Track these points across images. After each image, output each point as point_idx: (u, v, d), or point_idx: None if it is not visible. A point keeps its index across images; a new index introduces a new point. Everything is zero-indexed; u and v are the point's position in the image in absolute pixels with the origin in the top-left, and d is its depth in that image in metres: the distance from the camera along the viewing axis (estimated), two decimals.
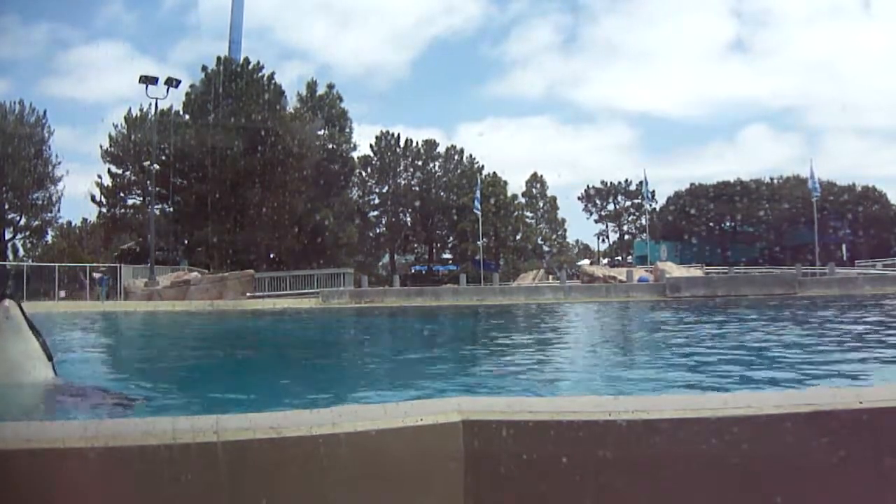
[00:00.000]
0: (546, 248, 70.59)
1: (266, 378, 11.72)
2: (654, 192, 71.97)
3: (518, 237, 66.93)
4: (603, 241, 77.50)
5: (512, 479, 2.27)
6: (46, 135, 57.46)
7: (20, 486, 1.96)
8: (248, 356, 16.90)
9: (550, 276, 55.96)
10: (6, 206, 56.53)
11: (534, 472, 2.27)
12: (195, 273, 45.65)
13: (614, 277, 44.62)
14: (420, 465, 2.26)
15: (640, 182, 69.95)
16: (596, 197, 74.35)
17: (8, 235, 57.95)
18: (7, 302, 7.87)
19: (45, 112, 57.53)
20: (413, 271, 62.94)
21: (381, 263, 65.31)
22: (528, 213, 70.00)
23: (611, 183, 74.38)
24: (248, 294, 42.23)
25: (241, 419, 2.27)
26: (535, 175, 71.27)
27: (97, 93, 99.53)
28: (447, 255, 66.06)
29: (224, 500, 2.10)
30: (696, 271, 46.69)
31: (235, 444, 2.11)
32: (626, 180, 74.71)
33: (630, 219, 75.41)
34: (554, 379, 10.94)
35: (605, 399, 2.83)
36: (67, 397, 7.95)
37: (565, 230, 73.29)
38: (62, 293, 43.23)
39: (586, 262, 61.53)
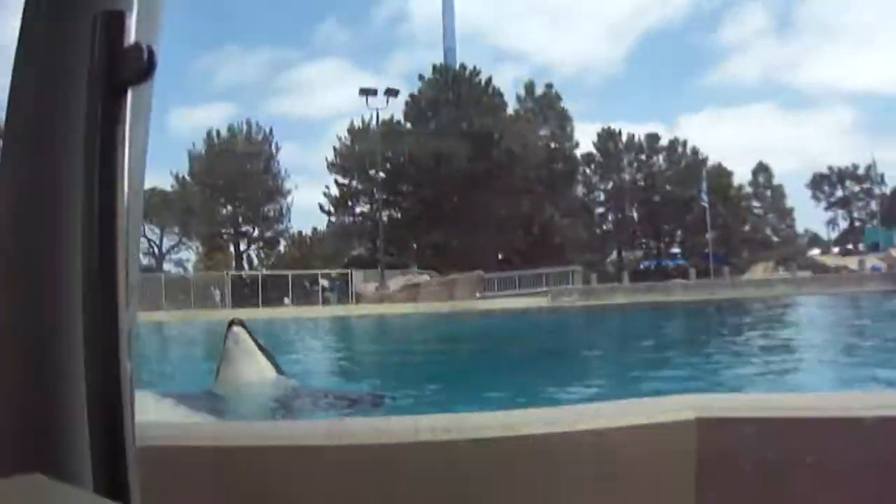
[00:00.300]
0: (775, 239, 75.80)
1: (500, 377, 13.88)
2: (883, 175, 76.96)
3: (746, 228, 73.28)
4: (832, 229, 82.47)
5: (749, 479, 2.44)
6: (274, 151, 72.12)
7: (270, 481, 2.39)
8: (480, 356, 20.25)
9: (780, 268, 60.75)
10: (240, 220, 71.02)
11: (773, 473, 2.42)
12: (425, 276, 55.37)
13: (845, 267, 51.16)
14: (653, 464, 2.47)
15: (869, 166, 76.40)
16: (823, 183, 79.87)
17: (243, 246, 72.84)
18: (236, 329, 10.90)
19: (271, 129, 72.10)
20: (642, 267, 69.70)
21: (609, 260, 72.92)
22: (756, 204, 76.14)
23: (838, 168, 79.37)
24: (477, 294, 50.59)
25: (477, 417, 2.60)
26: (760, 164, 77.28)
27: (320, 108, 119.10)
28: (675, 250, 72.98)
29: (462, 497, 2.42)
30: None
31: (473, 441, 2.41)
32: (854, 164, 79.04)
33: (860, 205, 79.64)
34: (791, 375, 12.95)
35: (849, 396, 3.19)
36: (308, 402, 10.54)
37: (793, 219, 78.76)
38: (286, 300, 54.45)
39: (816, 251, 68.19)
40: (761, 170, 77.95)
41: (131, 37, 1.22)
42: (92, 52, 1.21)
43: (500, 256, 63.51)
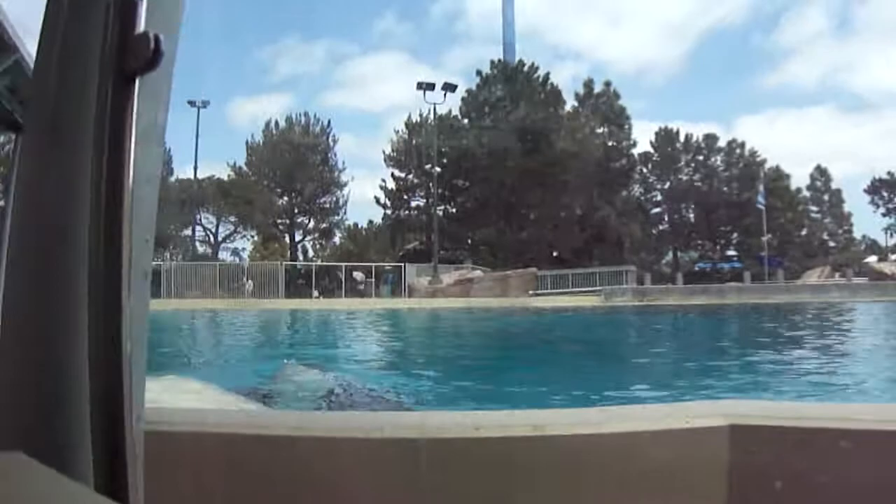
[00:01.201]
0: (832, 244, 76.04)
1: (540, 375, 13.90)
2: None
3: (803, 233, 73.18)
4: (891, 235, 79.79)
5: (783, 490, 2.44)
6: (331, 143, 72.79)
7: (273, 468, 2.45)
8: (523, 354, 20.11)
9: (837, 274, 60.46)
10: (296, 210, 72.02)
11: (808, 484, 2.42)
12: (478, 271, 55.36)
13: None
14: (682, 470, 2.49)
15: None
16: (882, 189, 77.44)
17: (298, 237, 73.90)
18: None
19: (328, 122, 72.73)
20: (697, 269, 69.60)
21: (663, 261, 72.88)
22: (813, 208, 76.09)
23: None
24: (530, 292, 51.27)
25: (503, 415, 2.69)
26: (818, 167, 77.47)
27: (377, 101, 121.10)
28: (731, 252, 72.47)
29: (488, 494, 2.46)
30: None
31: (496, 440, 2.46)
32: None
33: None
34: (837, 384, 12.77)
35: (886, 407, 3.38)
36: (341, 398, 11.19)
37: (851, 225, 78.45)
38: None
39: (873, 258, 65.99)
40: (819, 173, 78.13)
41: (141, 25, 1.24)
42: (104, 40, 1.23)
43: (554, 254, 63.76)
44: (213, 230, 71.23)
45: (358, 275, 57.81)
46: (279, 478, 2.48)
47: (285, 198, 72.35)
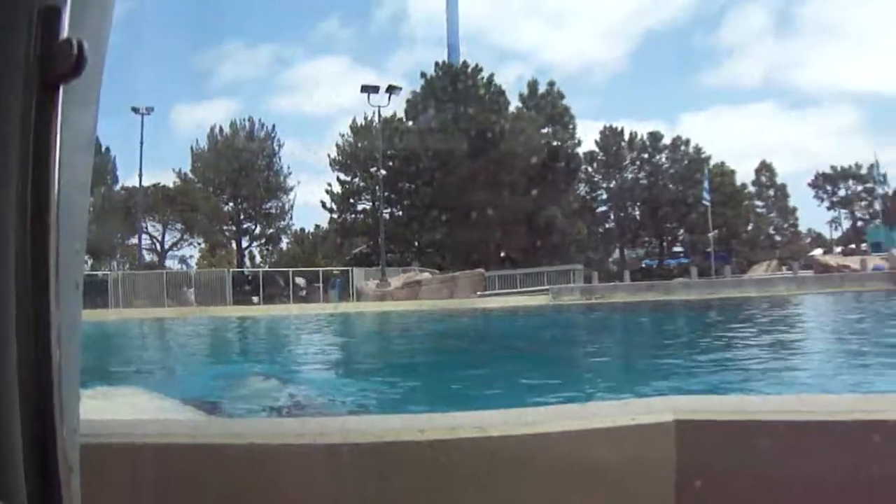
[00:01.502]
0: (777, 238, 77.62)
1: (485, 375, 14.04)
2: (885, 174, 77.98)
3: (749, 228, 74.27)
4: (835, 228, 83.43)
5: (729, 483, 2.48)
6: (276, 148, 72.87)
7: (238, 479, 2.43)
8: (469, 355, 20.13)
9: (783, 267, 61.57)
10: (242, 216, 71.88)
11: (754, 476, 2.45)
12: (426, 273, 55.16)
13: (848, 266, 51.07)
14: (630, 466, 2.51)
15: (871, 165, 77.52)
16: (826, 183, 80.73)
17: (245, 243, 73.61)
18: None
19: (273, 127, 72.80)
20: (644, 266, 70.82)
21: (611, 259, 73.69)
22: (759, 203, 77.52)
23: (841, 167, 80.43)
24: (478, 293, 51.00)
25: (447, 418, 2.66)
26: (763, 163, 79.19)
27: (322, 105, 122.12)
28: (678, 249, 73.98)
29: (434, 497, 2.48)
30: None
31: (442, 442, 2.46)
32: (856, 164, 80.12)
33: (862, 204, 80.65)
34: (781, 377, 12.87)
35: (828, 398, 3.29)
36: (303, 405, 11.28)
37: (797, 219, 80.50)
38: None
39: (819, 251, 67.40)
40: (764, 169, 79.62)
41: (64, 32, 1.21)
42: (28, 48, 1.21)
43: (502, 254, 63.94)
44: (160, 238, 70.93)
45: (300, 280, 57.76)
46: (215, 486, 2.46)
47: (231, 204, 72.09)
